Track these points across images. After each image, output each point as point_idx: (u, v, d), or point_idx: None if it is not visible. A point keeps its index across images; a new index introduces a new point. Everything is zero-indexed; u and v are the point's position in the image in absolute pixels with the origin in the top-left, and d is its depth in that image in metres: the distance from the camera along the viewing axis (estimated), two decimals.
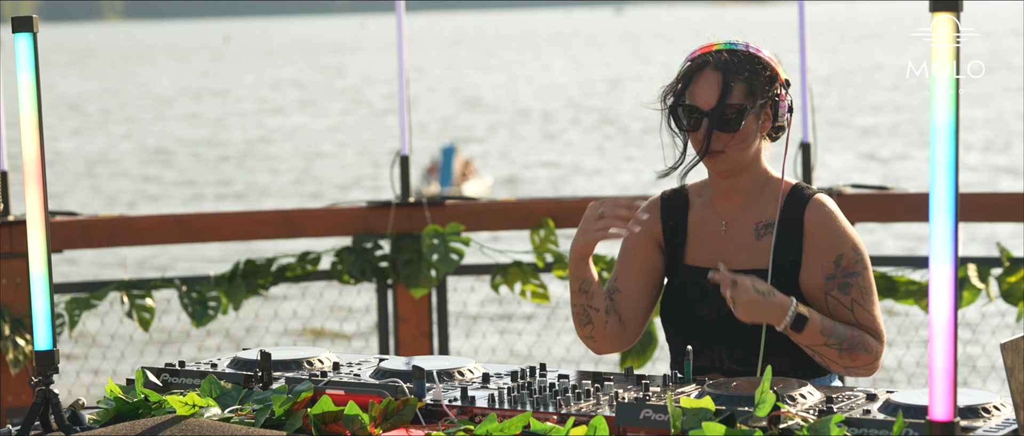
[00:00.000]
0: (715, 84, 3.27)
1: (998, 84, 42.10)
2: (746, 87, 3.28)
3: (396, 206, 5.65)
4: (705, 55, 3.32)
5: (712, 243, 3.39)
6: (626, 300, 3.44)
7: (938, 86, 2.30)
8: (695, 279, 3.37)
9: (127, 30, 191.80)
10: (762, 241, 3.34)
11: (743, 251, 3.35)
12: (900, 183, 16.23)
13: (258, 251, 14.01)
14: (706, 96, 3.28)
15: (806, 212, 3.32)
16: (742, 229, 3.36)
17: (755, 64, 3.31)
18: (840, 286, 3.27)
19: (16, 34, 2.91)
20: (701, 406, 2.59)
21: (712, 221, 3.40)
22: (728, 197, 3.38)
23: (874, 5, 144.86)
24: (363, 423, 2.69)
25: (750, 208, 3.37)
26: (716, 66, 3.29)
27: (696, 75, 3.31)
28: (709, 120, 3.27)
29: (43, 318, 2.94)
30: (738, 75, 3.27)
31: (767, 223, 3.35)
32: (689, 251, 3.42)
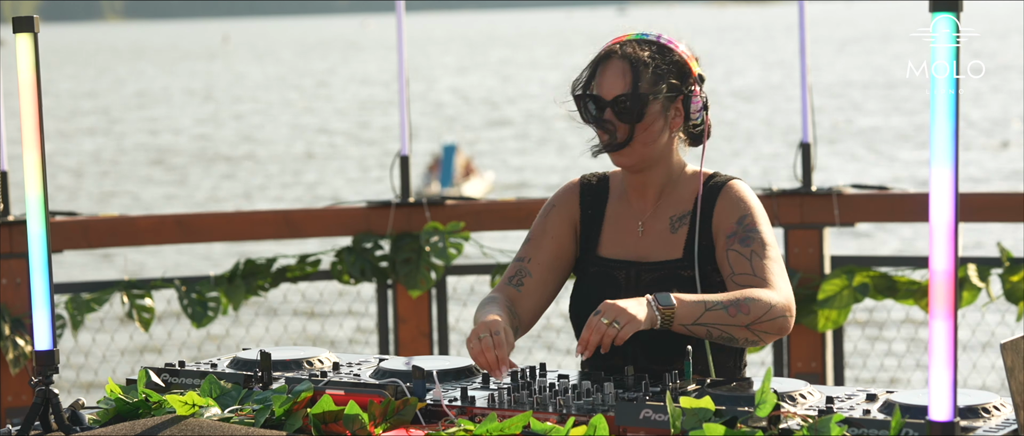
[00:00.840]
0: (619, 73, 3.22)
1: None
2: (651, 77, 3.21)
3: (396, 206, 5.65)
4: (613, 46, 3.27)
5: (628, 240, 3.32)
6: (533, 289, 3.33)
7: (938, 86, 2.30)
8: (608, 272, 3.30)
9: (127, 30, 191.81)
10: (676, 234, 3.28)
11: (658, 247, 3.29)
12: (900, 183, 16.25)
13: (258, 251, 14.01)
14: (610, 86, 3.23)
15: (719, 196, 3.26)
16: (657, 225, 3.31)
17: (664, 55, 3.25)
18: (741, 239, 3.20)
19: (16, 34, 2.91)
20: (701, 406, 2.59)
21: (628, 218, 3.34)
22: (641, 193, 3.33)
23: (874, 5, 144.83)
24: (363, 423, 2.69)
25: (665, 204, 3.32)
26: (622, 56, 3.24)
27: (602, 65, 3.25)
28: (612, 109, 3.22)
29: (43, 318, 2.94)
30: (643, 65, 3.21)
31: (681, 215, 3.29)
32: (604, 243, 3.34)
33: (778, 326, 3.10)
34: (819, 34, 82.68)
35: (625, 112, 3.20)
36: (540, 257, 3.36)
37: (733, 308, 3.07)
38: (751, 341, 3.12)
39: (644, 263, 3.27)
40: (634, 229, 3.32)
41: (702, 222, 3.25)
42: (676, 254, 3.26)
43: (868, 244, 16.27)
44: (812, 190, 5.59)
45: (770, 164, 26.05)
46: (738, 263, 3.18)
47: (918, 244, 16.17)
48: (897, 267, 5.52)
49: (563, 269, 3.38)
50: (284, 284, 5.75)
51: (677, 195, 3.31)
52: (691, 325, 3.06)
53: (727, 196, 3.25)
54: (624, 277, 3.28)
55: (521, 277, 3.34)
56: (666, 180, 3.31)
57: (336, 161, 30.06)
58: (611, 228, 3.35)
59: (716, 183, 3.29)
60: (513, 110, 41.59)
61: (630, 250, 3.31)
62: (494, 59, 74.86)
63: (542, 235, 3.38)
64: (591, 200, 3.38)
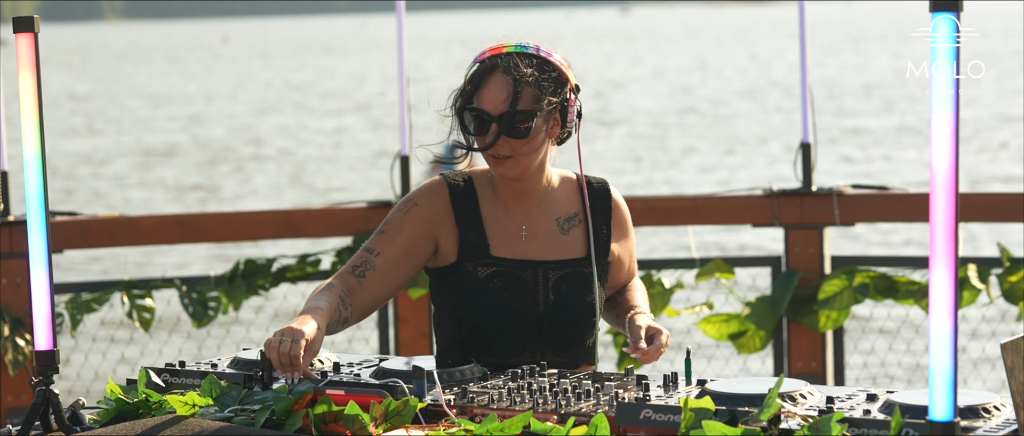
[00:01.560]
0: (505, 89, 3.24)
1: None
2: (535, 92, 3.25)
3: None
4: (494, 58, 3.29)
5: (514, 243, 3.36)
6: (374, 282, 3.31)
7: (938, 86, 2.30)
8: (510, 271, 3.33)
9: (127, 30, 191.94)
10: (569, 234, 3.38)
11: (552, 248, 3.36)
12: (900, 184, 16.25)
13: (258, 251, 14.01)
14: (495, 101, 3.25)
15: (612, 203, 3.44)
16: (543, 229, 3.37)
17: (545, 69, 3.28)
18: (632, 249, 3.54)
19: (16, 34, 2.91)
20: (701, 406, 2.59)
21: (507, 221, 3.37)
22: (519, 200, 3.37)
23: (873, 5, 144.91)
24: (363, 423, 2.69)
25: (545, 208, 3.38)
26: (506, 70, 3.25)
27: (486, 78, 3.27)
28: (498, 125, 3.25)
29: (43, 318, 2.94)
30: (527, 80, 3.25)
31: (568, 217, 3.39)
32: (493, 243, 3.36)
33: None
34: (819, 34, 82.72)
35: (513, 128, 3.25)
36: (389, 253, 3.34)
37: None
38: None
39: (549, 262, 3.35)
40: (517, 233, 3.37)
41: (597, 217, 3.42)
42: (577, 253, 3.39)
43: (868, 244, 16.28)
44: (812, 190, 5.59)
45: (770, 164, 26.07)
46: (633, 296, 3.50)
47: (916, 244, 16.18)
48: (897, 267, 5.53)
49: (410, 268, 3.36)
50: (284, 284, 5.75)
51: (556, 199, 3.40)
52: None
53: (619, 207, 3.47)
54: (531, 276, 3.34)
55: (365, 270, 3.33)
56: (542, 185, 3.38)
57: (336, 161, 30.08)
58: (494, 230, 3.37)
59: (600, 187, 3.46)
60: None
61: (520, 251, 3.36)
62: None
63: (398, 232, 3.35)
64: (461, 202, 3.38)
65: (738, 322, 5.63)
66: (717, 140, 29.54)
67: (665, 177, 22.77)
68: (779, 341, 5.64)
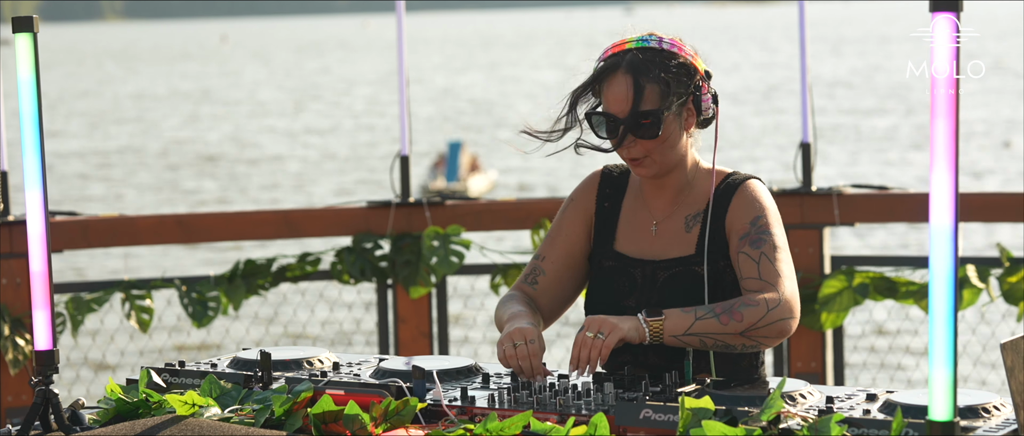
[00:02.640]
0: (627, 88, 3.14)
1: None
2: (660, 88, 3.15)
3: (396, 206, 5.65)
4: (616, 56, 3.19)
5: (642, 239, 3.29)
6: (549, 286, 3.32)
7: (938, 86, 2.30)
8: (625, 267, 3.27)
9: (127, 30, 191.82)
10: (691, 232, 3.26)
11: (673, 246, 3.26)
12: (900, 184, 16.25)
13: (258, 251, 14.01)
14: (620, 102, 3.15)
15: (735, 195, 3.23)
16: (673, 226, 3.28)
17: (668, 61, 3.17)
18: (752, 242, 3.16)
19: (16, 34, 2.91)
20: (701, 406, 2.59)
21: (643, 217, 3.31)
22: (657, 194, 3.30)
23: (873, 5, 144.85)
24: (363, 423, 2.69)
25: (680, 204, 3.29)
26: (627, 69, 3.15)
27: (607, 79, 3.17)
28: (625, 127, 3.15)
29: (43, 318, 2.94)
30: (650, 77, 3.14)
31: (696, 214, 3.26)
32: (620, 238, 3.31)
33: (777, 330, 3.07)
34: (818, 34, 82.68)
35: (640, 129, 3.15)
36: (554, 255, 3.35)
37: (725, 316, 3.06)
38: (750, 347, 3.09)
39: (659, 261, 3.25)
40: (648, 229, 3.30)
41: (714, 218, 3.23)
42: (689, 251, 3.24)
43: (868, 243, 16.27)
44: (812, 190, 5.59)
45: (769, 164, 26.05)
46: (746, 267, 3.15)
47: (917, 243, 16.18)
48: (897, 267, 5.52)
49: (577, 267, 3.35)
50: (284, 284, 5.75)
51: (693, 195, 3.28)
52: (682, 336, 3.05)
53: (742, 195, 3.22)
54: (640, 275, 3.26)
55: (536, 276, 3.34)
56: (683, 182, 3.28)
57: (336, 161, 30.07)
58: (627, 224, 3.32)
59: (733, 181, 3.26)
60: (511, 112, 41.62)
61: (645, 249, 3.28)
62: (494, 60, 74.89)
63: (558, 233, 3.36)
64: (609, 192, 3.35)
65: None
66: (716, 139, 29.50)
67: None
68: None
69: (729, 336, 3.05)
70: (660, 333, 3.03)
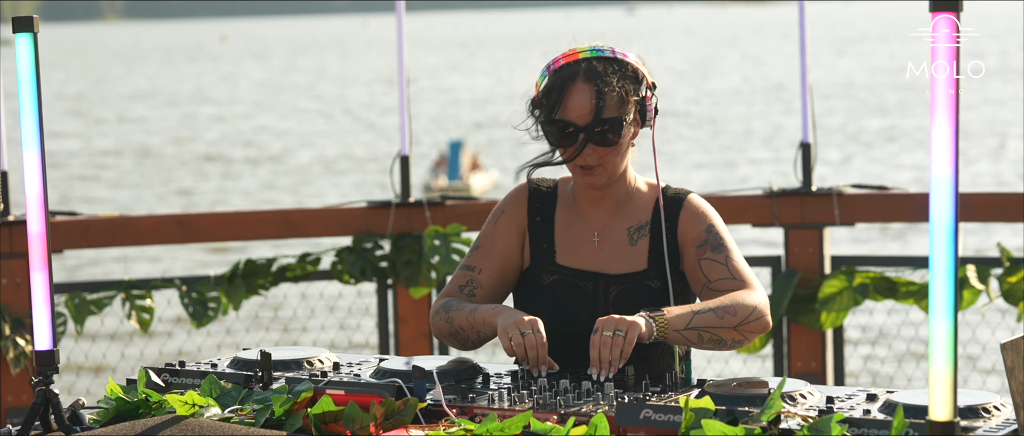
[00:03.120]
0: (588, 97, 3.16)
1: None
2: (618, 96, 3.18)
3: (396, 206, 5.65)
4: (574, 65, 3.20)
5: (583, 251, 3.31)
6: (485, 298, 3.33)
7: (938, 86, 2.30)
8: (572, 281, 3.29)
9: (127, 30, 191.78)
10: (636, 245, 3.28)
11: (619, 259, 3.28)
12: (900, 184, 16.25)
13: (258, 251, 14.00)
14: (581, 110, 3.17)
15: (682, 210, 3.28)
16: (614, 237, 3.30)
17: (623, 70, 3.20)
18: (712, 247, 3.23)
19: (16, 34, 2.91)
20: (701, 406, 2.59)
21: (580, 228, 3.32)
22: (597, 205, 3.32)
23: (873, 5, 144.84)
24: (363, 423, 2.69)
25: (620, 215, 3.31)
26: (587, 77, 3.17)
27: (568, 87, 3.18)
28: (585, 135, 3.17)
29: (43, 318, 2.94)
30: (610, 85, 3.17)
31: (638, 226, 3.29)
32: (560, 251, 3.32)
33: (761, 325, 3.18)
34: (819, 34, 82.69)
35: (600, 137, 3.18)
36: (489, 268, 3.35)
37: (721, 310, 3.12)
38: (738, 342, 3.16)
39: (610, 276, 3.27)
40: (589, 239, 3.32)
41: (669, 231, 3.27)
42: (641, 265, 3.27)
43: (867, 244, 16.28)
44: (812, 190, 5.59)
45: (769, 164, 26.05)
46: (713, 270, 3.22)
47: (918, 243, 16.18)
48: (897, 267, 5.53)
49: (510, 278, 3.37)
50: (284, 284, 5.75)
51: (632, 206, 3.31)
52: (683, 330, 3.09)
53: (690, 209, 3.29)
54: (591, 288, 3.28)
55: (472, 288, 3.34)
56: (623, 193, 3.31)
57: (336, 161, 30.07)
58: (565, 237, 3.33)
59: (676, 196, 3.31)
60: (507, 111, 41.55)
61: (587, 260, 3.30)
62: (495, 60, 74.91)
63: (491, 244, 3.36)
64: (540, 206, 3.37)
65: None
66: (716, 141, 29.54)
67: (665, 177, 22.78)
68: (779, 341, 5.64)
69: (723, 330, 3.12)
70: (665, 327, 3.07)
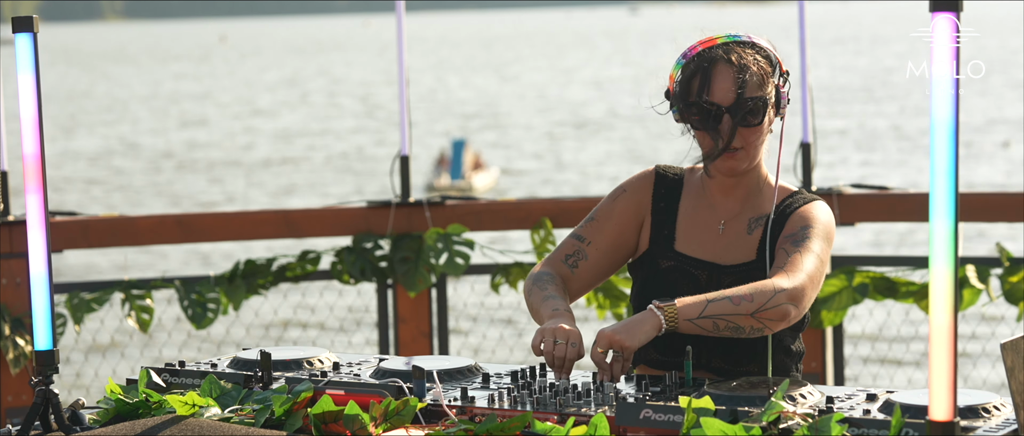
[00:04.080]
0: (731, 78, 3.17)
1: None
2: (759, 79, 3.19)
3: (396, 206, 5.65)
4: (713, 50, 3.22)
5: (706, 238, 3.29)
6: (587, 272, 3.33)
7: (938, 86, 2.30)
8: (685, 268, 3.28)
9: (127, 30, 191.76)
10: (752, 235, 3.27)
11: (736, 249, 3.27)
12: (900, 184, 16.24)
13: (258, 251, 14.01)
14: (724, 91, 3.18)
15: (799, 209, 3.25)
16: (738, 227, 3.29)
17: (761, 54, 3.23)
18: (794, 241, 3.19)
19: (16, 34, 2.91)
20: (701, 406, 2.59)
21: (707, 216, 3.31)
22: (728, 194, 3.30)
23: (873, 5, 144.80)
24: (363, 423, 2.69)
25: (748, 206, 3.30)
26: (729, 60, 3.19)
27: (710, 70, 3.19)
28: (730, 116, 3.18)
29: (43, 318, 2.94)
30: (751, 68, 3.19)
31: (759, 217, 3.28)
32: (680, 238, 3.31)
33: (779, 313, 3.08)
34: (818, 34, 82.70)
35: (745, 117, 3.18)
36: (600, 241, 3.34)
37: (737, 297, 3.07)
38: (757, 329, 3.10)
39: (723, 266, 3.25)
40: (714, 226, 3.30)
41: (775, 228, 3.24)
42: (750, 256, 3.25)
43: (868, 243, 16.28)
44: (812, 190, 5.59)
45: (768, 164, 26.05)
46: (779, 258, 3.17)
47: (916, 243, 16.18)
48: (897, 267, 5.53)
49: (619, 257, 3.36)
50: (284, 284, 5.75)
51: (760, 200, 3.30)
52: (697, 319, 3.05)
53: (807, 211, 3.25)
54: (706, 277, 3.26)
55: (578, 259, 3.33)
56: (754, 184, 3.30)
57: (335, 161, 30.07)
58: (687, 223, 3.32)
59: (803, 199, 3.28)
60: (513, 111, 41.63)
61: (708, 249, 3.28)
62: (496, 59, 74.90)
63: (607, 219, 3.35)
64: (665, 192, 3.36)
65: None
66: None
67: None
68: None
69: (740, 317, 3.06)
70: (675, 318, 3.03)
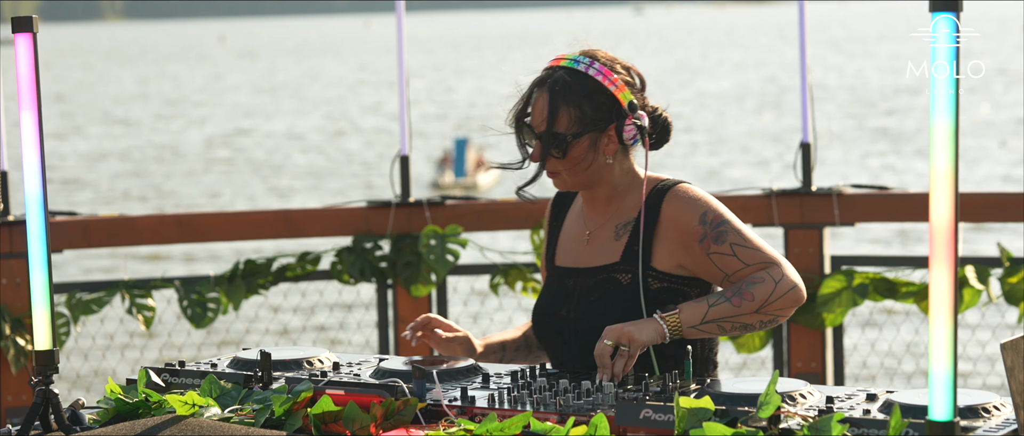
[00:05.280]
0: (545, 108, 3.24)
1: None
2: (577, 113, 3.22)
3: (396, 206, 5.65)
4: (545, 73, 3.28)
5: (577, 248, 3.37)
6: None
7: (938, 86, 2.30)
8: (560, 280, 3.36)
9: (127, 30, 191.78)
10: (619, 240, 3.30)
11: (602, 255, 3.31)
12: (900, 184, 16.24)
13: (258, 251, 14.01)
14: (538, 118, 3.26)
15: (665, 201, 3.26)
16: (604, 234, 3.34)
17: (589, 88, 3.22)
18: (714, 238, 3.19)
19: (16, 34, 2.91)
20: (701, 406, 2.59)
21: (579, 228, 3.39)
22: (591, 205, 3.37)
23: (873, 5, 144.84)
24: (363, 423, 2.69)
25: (611, 214, 3.34)
26: (549, 88, 3.23)
27: (533, 94, 3.28)
28: (541, 142, 3.25)
29: (43, 318, 2.94)
30: (568, 102, 3.22)
31: (626, 222, 3.31)
32: (559, 253, 3.41)
33: (791, 299, 3.12)
34: (818, 34, 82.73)
35: (550, 147, 3.24)
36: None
37: (736, 298, 3.10)
38: (768, 323, 3.13)
39: (587, 268, 3.32)
40: (582, 238, 3.37)
41: (647, 224, 3.26)
42: (614, 258, 3.28)
43: (867, 244, 16.28)
44: (812, 190, 5.59)
45: (769, 164, 26.06)
46: (727, 263, 3.19)
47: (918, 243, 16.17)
48: (897, 267, 5.53)
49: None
50: (284, 284, 5.75)
51: (625, 204, 3.33)
52: (700, 325, 3.10)
53: (674, 199, 3.26)
54: (573, 285, 3.32)
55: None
56: (611, 193, 3.33)
57: (335, 161, 30.07)
58: (564, 239, 3.42)
59: (662, 187, 3.29)
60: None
61: (577, 259, 3.36)
62: (497, 59, 74.92)
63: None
64: (558, 210, 3.48)
65: None
66: (718, 142, 29.54)
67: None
68: (779, 341, 5.64)
69: (745, 316, 3.10)
70: (678, 327, 3.09)
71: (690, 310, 3.10)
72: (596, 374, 3.05)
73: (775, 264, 3.15)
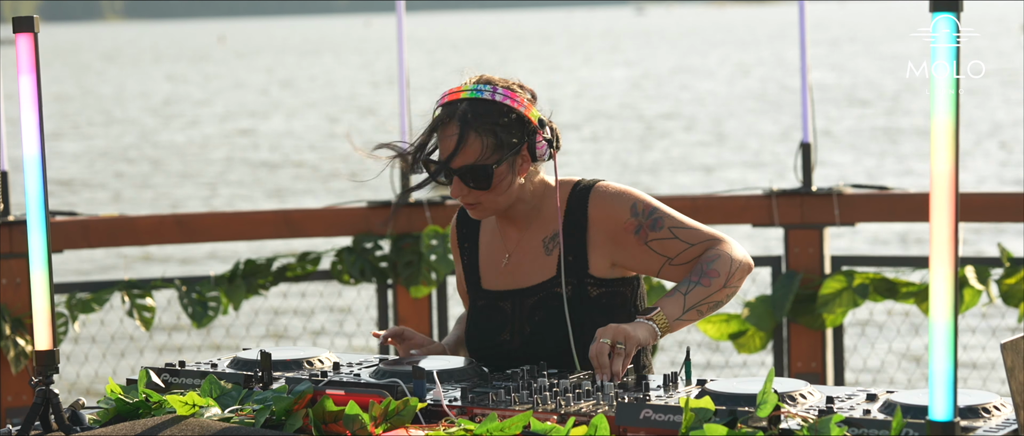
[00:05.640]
0: (455, 142, 3.18)
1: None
2: (493, 141, 3.18)
3: (396, 206, 5.65)
4: (449, 107, 3.22)
5: (502, 271, 3.34)
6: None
7: (938, 86, 2.30)
8: (494, 303, 3.33)
9: (127, 30, 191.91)
10: (551, 254, 3.28)
11: (534, 272, 3.29)
12: (900, 184, 16.24)
13: (258, 251, 14.02)
14: (451, 153, 3.18)
15: (589, 202, 3.25)
16: (529, 251, 3.31)
17: (500, 114, 3.19)
18: (650, 226, 3.20)
19: (16, 34, 2.91)
20: (701, 406, 2.59)
21: (498, 249, 3.36)
22: (508, 224, 3.34)
23: (873, 5, 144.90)
24: (363, 423, 2.69)
25: (533, 229, 3.31)
26: (459, 121, 3.18)
27: (440, 130, 3.22)
28: (457, 176, 3.20)
29: (43, 318, 2.94)
30: (482, 131, 3.18)
31: (553, 235, 3.28)
32: (485, 276, 3.37)
33: (745, 268, 3.20)
34: (818, 34, 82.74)
35: (472, 181, 3.20)
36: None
37: (705, 279, 3.15)
38: (730, 295, 3.20)
39: (524, 289, 3.29)
40: (501, 261, 3.34)
41: (574, 231, 3.25)
42: (550, 273, 3.27)
43: (867, 244, 16.28)
44: (812, 190, 5.59)
45: (769, 164, 26.07)
46: (669, 247, 3.20)
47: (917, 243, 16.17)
48: (897, 267, 5.53)
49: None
50: (284, 283, 5.75)
51: (545, 216, 3.31)
52: (683, 315, 3.14)
53: (598, 197, 3.25)
54: (510, 307, 3.30)
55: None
56: (528, 207, 3.31)
57: (335, 161, 30.09)
58: (486, 260, 3.38)
59: (583, 189, 3.28)
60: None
61: (506, 280, 3.33)
62: (499, 59, 74.98)
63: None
64: (466, 233, 3.43)
65: (738, 322, 5.63)
66: (717, 142, 29.54)
67: (665, 177, 22.77)
68: (779, 341, 5.64)
69: (716, 293, 3.17)
70: (666, 323, 3.12)
71: (668, 304, 3.12)
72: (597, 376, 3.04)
73: (720, 240, 3.20)
